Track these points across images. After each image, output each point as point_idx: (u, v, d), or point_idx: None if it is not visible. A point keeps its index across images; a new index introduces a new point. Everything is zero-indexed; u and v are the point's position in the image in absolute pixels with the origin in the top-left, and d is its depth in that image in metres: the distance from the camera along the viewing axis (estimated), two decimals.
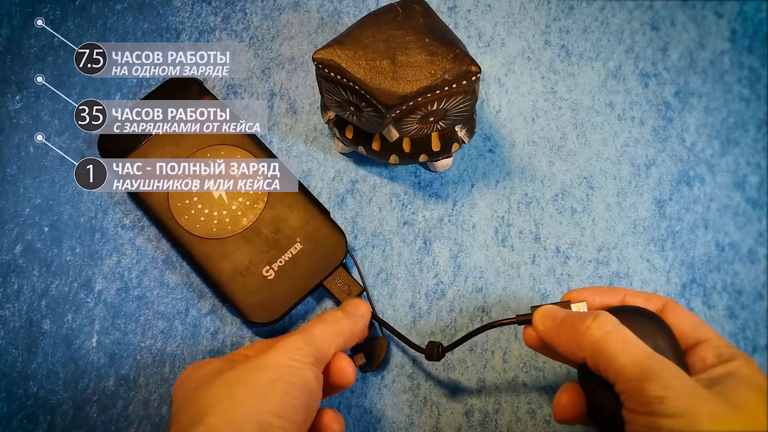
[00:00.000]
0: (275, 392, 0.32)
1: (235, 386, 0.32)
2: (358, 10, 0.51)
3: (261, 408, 0.31)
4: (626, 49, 0.50)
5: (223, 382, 0.33)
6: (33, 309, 0.43)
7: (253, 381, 0.32)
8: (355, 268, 0.44)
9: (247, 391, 0.32)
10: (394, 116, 0.38)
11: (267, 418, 0.31)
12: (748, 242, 0.46)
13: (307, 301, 0.43)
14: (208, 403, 0.32)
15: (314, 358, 0.34)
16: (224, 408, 0.31)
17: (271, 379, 0.32)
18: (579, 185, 0.47)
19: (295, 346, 0.34)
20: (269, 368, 0.33)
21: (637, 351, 0.30)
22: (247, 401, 0.32)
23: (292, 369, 0.33)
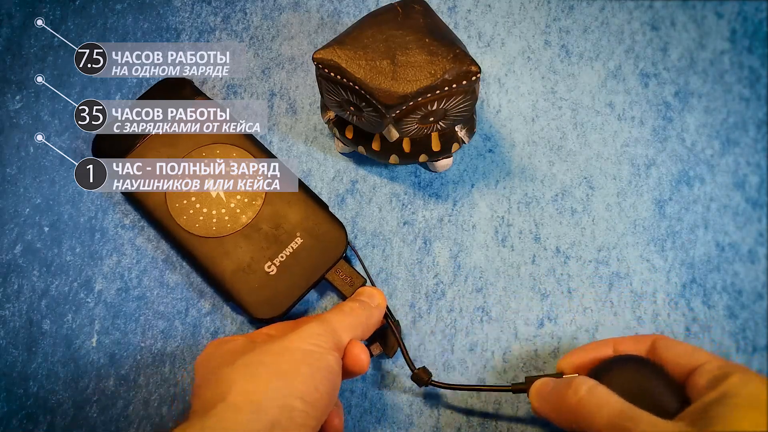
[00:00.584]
0: (298, 376, 0.32)
1: (258, 367, 0.32)
2: (358, 10, 0.51)
3: (284, 391, 0.31)
4: (626, 49, 0.50)
5: (246, 362, 0.33)
6: (33, 309, 0.43)
7: (277, 364, 0.32)
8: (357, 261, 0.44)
9: (270, 373, 0.32)
10: (394, 116, 0.38)
11: (290, 401, 0.31)
12: (748, 242, 0.46)
13: (310, 294, 0.43)
14: (232, 381, 0.32)
15: (334, 344, 0.34)
16: (247, 388, 0.31)
17: (294, 363, 0.32)
18: (579, 185, 0.47)
19: (315, 332, 0.34)
20: (292, 352, 0.33)
21: (610, 411, 0.31)
22: (270, 383, 0.31)
23: (315, 354, 0.33)
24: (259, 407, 0.30)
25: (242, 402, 0.31)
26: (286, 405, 0.31)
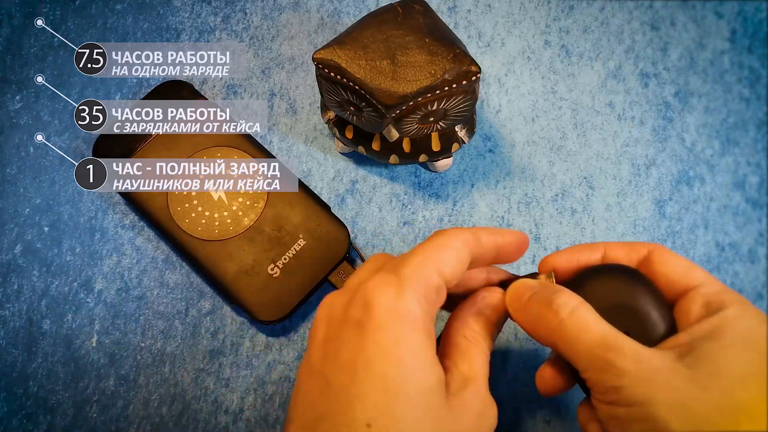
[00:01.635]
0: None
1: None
2: (358, 10, 0.51)
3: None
4: (626, 49, 0.50)
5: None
6: (33, 309, 0.43)
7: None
8: (359, 261, 0.44)
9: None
10: (394, 116, 0.38)
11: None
12: (748, 242, 0.46)
13: (312, 297, 0.43)
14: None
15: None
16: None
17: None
18: (579, 185, 0.47)
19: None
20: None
21: (591, 338, 0.28)
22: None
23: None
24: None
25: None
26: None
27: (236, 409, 0.41)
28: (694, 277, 0.30)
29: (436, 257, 0.29)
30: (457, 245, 0.30)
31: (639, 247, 0.32)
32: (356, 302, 0.28)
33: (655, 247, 0.32)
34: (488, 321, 0.32)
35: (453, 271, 0.29)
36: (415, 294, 0.28)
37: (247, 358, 0.42)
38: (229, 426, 0.41)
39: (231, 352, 0.42)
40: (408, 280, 0.28)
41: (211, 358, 0.42)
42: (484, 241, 0.31)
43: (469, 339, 0.31)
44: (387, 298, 0.27)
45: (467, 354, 0.30)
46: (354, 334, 0.27)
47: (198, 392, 0.41)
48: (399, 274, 0.28)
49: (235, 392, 0.41)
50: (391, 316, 0.27)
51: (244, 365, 0.42)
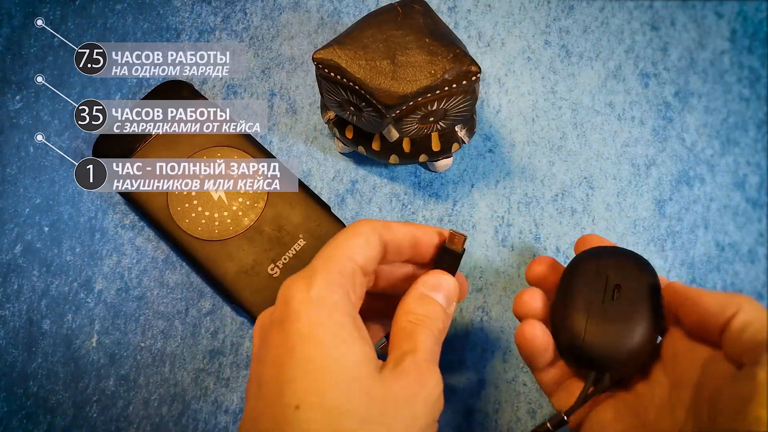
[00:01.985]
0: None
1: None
2: (358, 10, 0.51)
3: None
4: (626, 49, 0.50)
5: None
6: (33, 309, 0.43)
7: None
8: None
9: None
10: (394, 116, 0.38)
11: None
12: (748, 242, 0.46)
13: None
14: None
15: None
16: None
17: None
18: (579, 185, 0.47)
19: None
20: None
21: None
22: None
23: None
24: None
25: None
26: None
27: (236, 409, 0.41)
28: (731, 301, 0.30)
29: (345, 245, 0.30)
30: (366, 231, 0.31)
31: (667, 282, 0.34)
32: (277, 305, 0.30)
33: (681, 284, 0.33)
34: (433, 304, 0.32)
35: (365, 255, 0.30)
36: (325, 281, 0.29)
37: (247, 358, 0.42)
38: (229, 426, 0.41)
39: (231, 352, 0.42)
40: (317, 270, 0.29)
41: (211, 358, 0.42)
42: (397, 230, 0.32)
43: (413, 322, 0.31)
44: (299, 290, 0.29)
45: (411, 335, 0.30)
46: (278, 331, 0.28)
47: (198, 392, 0.41)
48: (310, 268, 0.30)
49: (235, 392, 0.41)
50: (304, 305, 0.28)
51: (244, 365, 0.42)
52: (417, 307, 0.31)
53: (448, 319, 0.32)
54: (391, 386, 0.28)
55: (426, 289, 0.32)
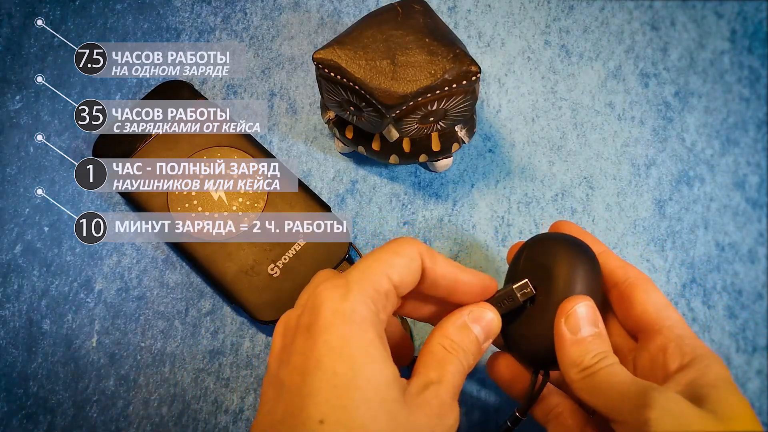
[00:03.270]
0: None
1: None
2: (358, 10, 0.51)
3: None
4: (626, 49, 0.50)
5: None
6: (33, 309, 0.43)
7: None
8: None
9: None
10: (394, 116, 0.38)
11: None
12: (748, 242, 0.46)
13: None
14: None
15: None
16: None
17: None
18: (579, 185, 0.47)
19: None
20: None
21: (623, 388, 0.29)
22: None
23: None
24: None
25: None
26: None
27: (236, 409, 0.41)
28: (668, 315, 0.32)
29: (385, 261, 0.30)
30: (411, 254, 0.30)
31: (629, 271, 0.34)
32: (306, 309, 0.29)
33: (643, 277, 0.33)
34: (473, 337, 0.31)
35: (402, 278, 0.30)
36: (361, 296, 0.28)
37: (247, 358, 0.42)
38: (229, 426, 0.41)
39: (231, 352, 0.42)
40: (354, 283, 0.29)
41: (211, 358, 0.42)
42: (441, 264, 0.31)
43: (446, 348, 0.31)
44: (333, 300, 0.28)
45: (441, 362, 0.30)
46: (304, 338, 0.28)
47: (198, 392, 0.41)
48: (346, 278, 0.29)
49: (235, 392, 0.41)
50: (337, 317, 0.28)
51: (244, 365, 0.42)
52: (454, 334, 0.31)
53: (480, 355, 0.32)
54: (414, 413, 0.28)
55: (469, 319, 0.32)
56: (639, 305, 0.33)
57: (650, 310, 0.32)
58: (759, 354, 0.43)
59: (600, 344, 0.31)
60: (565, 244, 0.33)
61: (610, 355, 0.31)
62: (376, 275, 0.29)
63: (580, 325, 0.31)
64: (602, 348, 0.31)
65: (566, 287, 0.32)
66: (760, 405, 0.42)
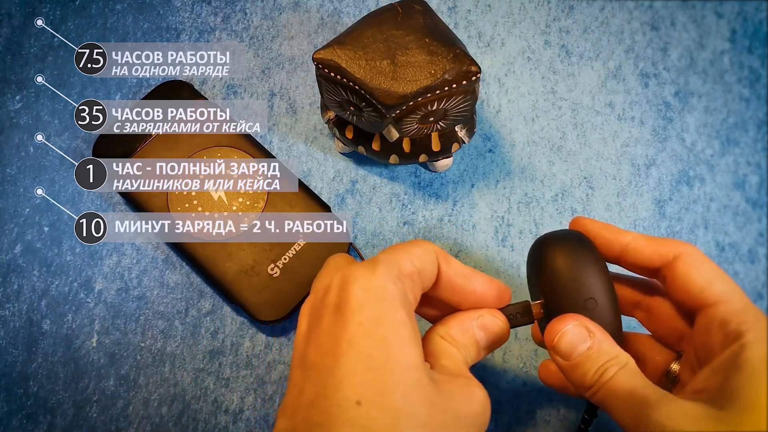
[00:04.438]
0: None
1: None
2: (358, 10, 0.51)
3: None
4: (626, 49, 0.50)
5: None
6: (33, 309, 0.43)
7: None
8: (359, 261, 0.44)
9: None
10: (394, 116, 0.38)
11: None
12: (748, 242, 0.46)
13: None
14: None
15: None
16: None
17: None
18: (579, 185, 0.47)
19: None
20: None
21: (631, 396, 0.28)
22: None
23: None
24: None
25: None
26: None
27: (236, 409, 0.41)
28: (714, 291, 0.29)
29: (407, 249, 0.30)
30: (428, 248, 0.30)
31: (667, 248, 0.31)
32: (332, 289, 0.29)
33: (686, 249, 0.30)
34: (474, 340, 0.31)
35: (423, 265, 0.30)
36: (388, 274, 0.28)
37: (247, 358, 0.42)
38: (229, 426, 0.41)
39: (231, 352, 0.42)
40: (381, 263, 0.28)
41: (211, 358, 0.42)
42: (456, 268, 0.31)
43: (447, 341, 0.31)
44: (361, 279, 0.28)
45: (446, 352, 0.30)
46: (334, 319, 0.28)
47: (198, 392, 0.41)
48: (372, 261, 0.29)
49: (235, 392, 0.41)
50: (368, 296, 0.27)
51: (244, 365, 0.42)
52: (458, 335, 0.31)
53: (477, 360, 0.32)
54: (450, 399, 0.27)
55: (477, 324, 0.31)
56: (682, 285, 0.30)
57: (694, 289, 0.30)
58: None
59: (597, 358, 0.29)
60: (555, 245, 0.31)
61: (613, 364, 0.29)
62: (401, 258, 0.29)
63: (569, 349, 0.30)
64: (601, 361, 0.29)
65: (565, 295, 0.30)
66: None
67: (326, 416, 0.26)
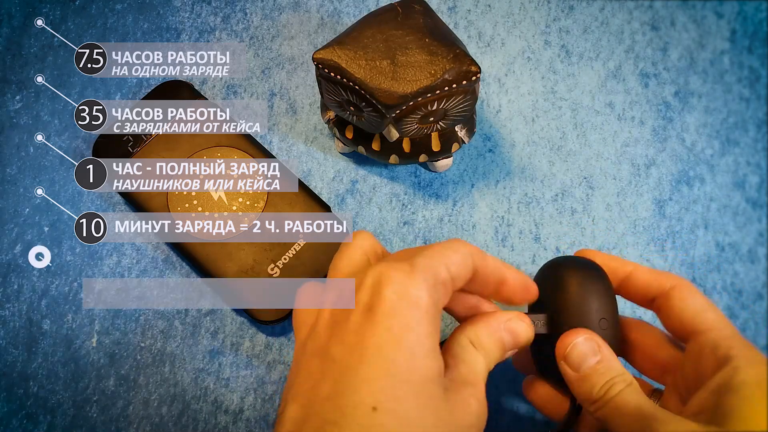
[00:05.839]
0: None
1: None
2: (358, 10, 0.51)
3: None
4: (626, 49, 0.50)
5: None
6: (33, 309, 0.43)
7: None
8: None
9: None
10: (394, 116, 0.38)
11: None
12: (748, 242, 0.46)
13: None
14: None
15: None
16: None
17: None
18: (579, 185, 0.47)
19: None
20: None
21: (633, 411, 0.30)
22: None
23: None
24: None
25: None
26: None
27: (236, 409, 0.41)
28: (706, 318, 0.31)
29: (444, 254, 0.30)
30: (465, 252, 0.30)
31: (664, 279, 0.33)
32: (365, 287, 0.28)
33: (682, 281, 0.33)
34: (501, 343, 0.32)
35: (459, 272, 0.30)
36: (425, 282, 0.28)
37: (247, 358, 0.42)
38: (229, 426, 0.41)
39: (231, 352, 0.42)
40: (418, 267, 0.28)
41: (211, 358, 0.42)
42: (491, 264, 0.31)
43: (475, 346, 0.31)
44: (397, 283, 0.28)
45: (470, 359, 0.30)
46: (363, 317, 0.28)
47: (198, 392, 0.41)
48: (408, 263, 0.29)
49: (235, 392, 0.41)
50: (402, 302, 0.27)
51: (244, 365, 0.42)
52: (486, 338, 0.31)
53: (501, 360, 0.32)
54: (454, 412, 0.28)
55: (505, 327, 0.32)
56: (676, 313, 0.32)
57: (686, 317, 0.32)
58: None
59: (605, 373, 0.31)
60: (574, 268, 0.34)
61: (619, 381, 0.31)
62: (438, 264, 0.29)
63: (579, 361, 0.32)
64: (608, 376, 0.31)
65: (581, 314, 0.33)
66: None
67: (341, 415, 0.26)
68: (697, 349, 0.31)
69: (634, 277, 0.34)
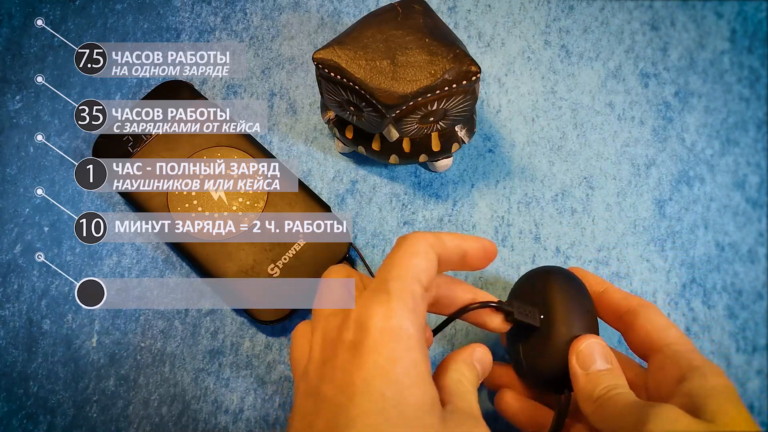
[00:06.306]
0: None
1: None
2: (358, 10, 0.51)
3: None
4: (626, 49, 0.50)
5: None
6: (33, 309, 0.43)
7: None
8: (359, 262, 0.44)
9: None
10: (394, 116, 0.38)
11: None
12: (748, 242, 0.46)
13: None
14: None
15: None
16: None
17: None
18: (579, 185, 0.47)
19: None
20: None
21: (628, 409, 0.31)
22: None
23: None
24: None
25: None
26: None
27: (236, 409, 0.41)
28: (670, 333, 0.34)
29: (410, 265, 0.30)
30: (425, 249, 0.31)
31: (633, 300, 0.36)
32: (349, 324, 0.29)
33: (646, 303, 0.36)
34: (476, 375, 0.33)
35: (428, 276, 0.31)
36: (405, 310, 0.29)
37: (247, 358, 0.42)
38: (229, 426, 0.41)
39: (231, 352, 0.42)
40: (395, 294, 0.29)
41: (211, 358, 0.42)
42: (449, 244, 0.32)
43: (464, 383, 0.32)
44: (379, 317, 0.28)
45: (465, 396, 0.31)
46: (351, 354, 0.28)
47: (198, 392, 0.41)
48: (384, 290, 0.29)
49: (235, 392, 0.41)
50: (384, 336, 0.28)
51: (244, 365, 0.42)
52: (468, 372, 0.33)
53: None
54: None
55: (475, 359, 0.34)
56: (641, 330, 0.34)
57: (650, 333, 0.34)
58: (759, 354, 0.43)
59: (611, 378, 0.33)
60: (560, 273, 0.37)
61: (622, 386, 0.32)
62: (410, 281, 0.30)
63: (589, 361, 0.33)
64: (613, 381, 0.32)
65: (567, 316, 0.35)
66: (760, 405, 0.42)
67: None
68: (661, 362, 0.33)
69: (607, 294, 0.37)
